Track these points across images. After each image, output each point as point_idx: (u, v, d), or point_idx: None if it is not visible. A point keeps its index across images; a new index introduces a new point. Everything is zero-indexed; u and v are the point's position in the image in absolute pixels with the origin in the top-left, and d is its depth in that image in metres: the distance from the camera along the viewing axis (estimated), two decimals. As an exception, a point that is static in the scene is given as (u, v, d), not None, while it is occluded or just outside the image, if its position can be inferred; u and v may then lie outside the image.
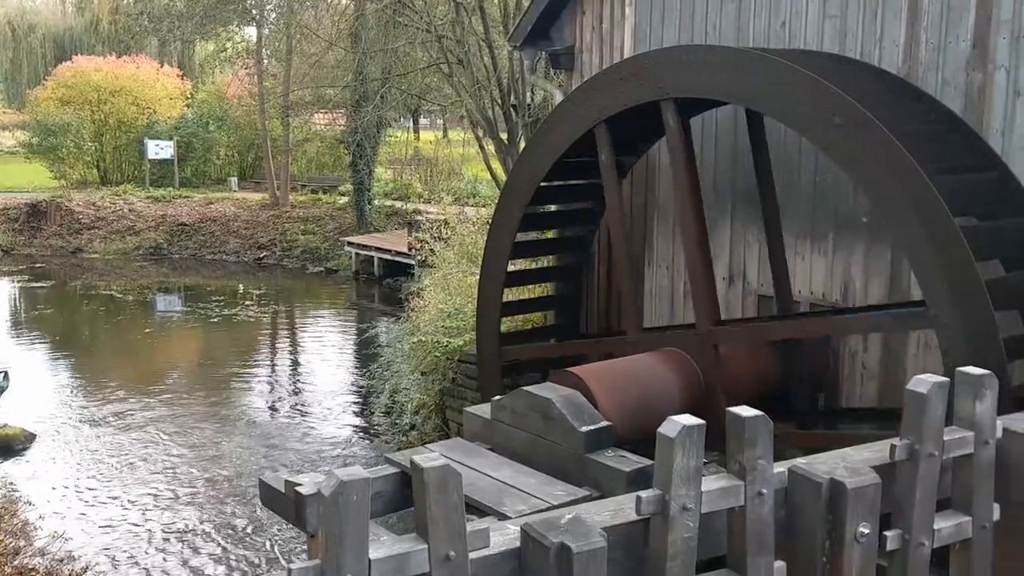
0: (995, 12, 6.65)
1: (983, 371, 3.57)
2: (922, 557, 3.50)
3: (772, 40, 7.96)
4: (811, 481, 3.29)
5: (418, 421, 11.98)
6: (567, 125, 7.88)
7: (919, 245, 5.73)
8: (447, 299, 12.17)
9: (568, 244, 9.63)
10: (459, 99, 18.67)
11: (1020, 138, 6.61)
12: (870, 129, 5.85)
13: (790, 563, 3.31)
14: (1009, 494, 3.74)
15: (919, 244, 5.73)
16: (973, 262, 5.50)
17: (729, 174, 8.43)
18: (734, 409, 3.17)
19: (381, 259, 24.92)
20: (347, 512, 2.49)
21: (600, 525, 2.99)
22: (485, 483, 5.71)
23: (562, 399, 6.20)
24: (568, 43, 9.80)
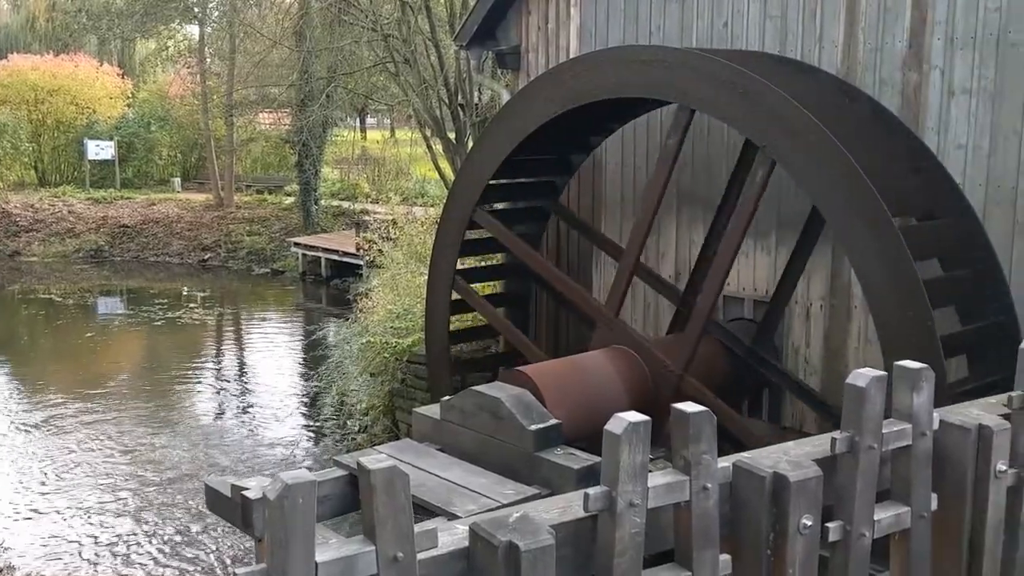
0: (930, 14, 6.82)
1: (920, 365, 3.65)
2: (863, 547, 3.57)
3: (715, 40, 8.07)
4: (755, 475, 3.34)
5: (367, 423, 11.91)
6: (513, 126, 7.90)
7: (860, 244, 5.85)
8: (396, 300, 12.12)
9: (515, 265, 9.63)
10: (406, 98, 18.59)
11: (955, 137, 6.78)
12: (810, 130, 5.96)
13: (735, 556, 3.36)
14: (945, 484, 3.83)
15: (860, 243, 5.85)
16: (911, 261, 5.63)
17: (675, 175, 8.50)
18: (679, 405, 3.20)
19: (328, 260, 24.71)
20: (293, 515, 2.47)
21: (548, 523, 2.99)
22: (434, 484, 5.71)
23: (511, 398, 6.22)
24: (514, 43, 9.82)
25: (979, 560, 3.89)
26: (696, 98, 6.62)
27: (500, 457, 6.10)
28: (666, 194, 8.60)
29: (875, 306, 5.84)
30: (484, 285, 9.89)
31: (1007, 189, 6.55)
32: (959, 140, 6.75)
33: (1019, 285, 6.48)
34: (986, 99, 6.60)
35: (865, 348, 7.37)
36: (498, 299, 9.69)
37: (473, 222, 8.53)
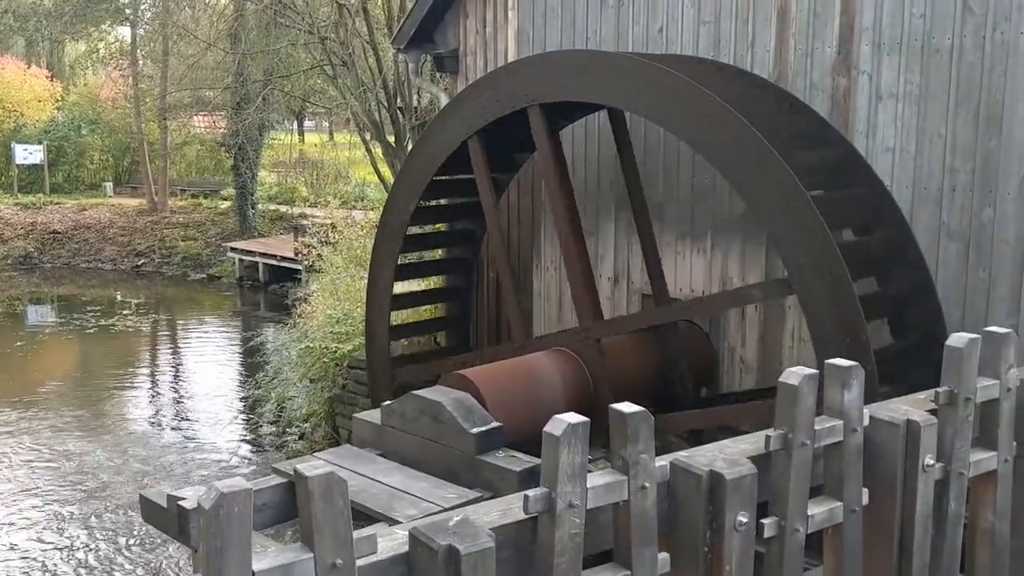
0: (858, 20, 6.99)
1: (850, 363, 3.74)
2: (797, 542, 3.65)
3: (651, 45, 8.17)
4: (692, 473, 3.39)
5: (307, 429, 11.78)
6: (449, 129, 7.91)
7: (791, 248, 5.96)
8: (335, 304, 12.02)
9: (458, 246, 9.65)
10: (344, 101, 18.46)
11: (882, 140, 6.96)
12: (743, 133, 6.07)
13: (673, 554, 3.40)
14: (876, 479, 3.93)
15: (791, 247, 5.97)
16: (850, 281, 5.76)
17: (611, 176, 8.60)
18: (617, 406, 3.23)
19: (266, 265, 24.38)
20: (229, 524, 2.44)
21: (488, 526, 3.00)
22: (376, 489, 5.68)
23: (452, 402, 6.22)
24: (452, 46, 9.82)
25: (909, 552, 4.00)
26: (630, 101, 6.71)
27: (442, 461, 6.10)
28: (604, 197, 8.71)
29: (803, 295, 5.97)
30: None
31: (933, 191, 6.75)
32: (887, 143, 6.94)
33: (946, 283, 6.68)
34: (912, 103, 6.79)
35: (799, 347, 7.52)
36: (438, 294, 9.71)
37: (412, 225, 8.53)
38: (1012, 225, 6.42)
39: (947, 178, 6.68)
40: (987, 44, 6.40)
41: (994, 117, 6.42)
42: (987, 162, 6.49)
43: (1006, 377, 4.27)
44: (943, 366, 4.14)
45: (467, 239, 9.47)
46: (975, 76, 6.48)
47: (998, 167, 6.44)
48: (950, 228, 6.70)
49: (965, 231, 6.63)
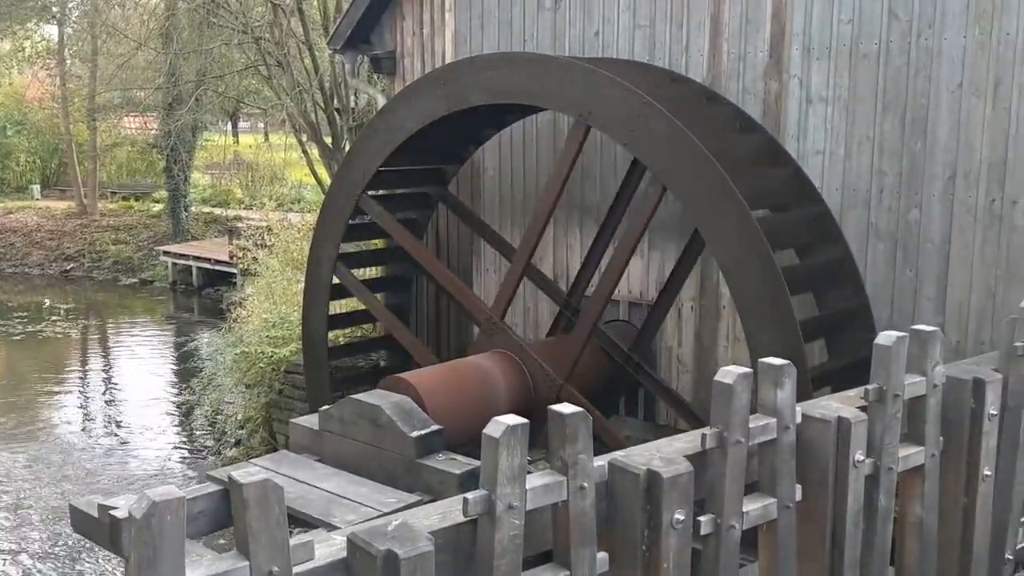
0: (788, 25, 7.14)
1: (783, 361, 3.81)
2: (733, 539, 3.70)
3: (587, 48, 8.23)
4: (629, 473, 3.42)
5: (244, 435, 11.60)
6: (387, 132, 7.87)
7: (727, 248, 6.05)
8: (272, 308, 11.85)
9: (396, 250, 9.58)
10: (280, 102, 18.23)
11: (813, 143, 7.12)
12: (679, 137, 6.15)
13: (612, 553, 3.43)
14: (808, 475, 4.01)
15: (727, 247, 6.06)
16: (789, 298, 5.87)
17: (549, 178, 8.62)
18: (555, 407, 3.25)
19: (200, 268, 23.95)
20: (161, 534, 2.40)
21: (428, 529, 2.99)
22: (314, 495, 5.62)
23: (392, 405, 6.18)
24: (389, 48, 9.77)
25: (841, 546, 4.09)
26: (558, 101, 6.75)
27: (381, 465, 6.06)
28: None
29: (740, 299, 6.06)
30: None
31: (862, 192, 6.92)
32: (817, 146, 7.09)
33: (874, 283, 6.85)
34: (841, 107, 6.95)
35: (734, 346, 7.64)
36: (379, 284, 9.65)
37: (351, 229, 8.46)
38: (937, 226, 6.61)
39: (875, 180, 6.85)
40: (912, 49, 6.59)
41: (919, 120, 6.61)
42: (913, 164, 6.67)
43: (932, 374, 4.39)
44: (872, 364, 4.25)
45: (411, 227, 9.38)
46: (901, 80, 6.66)
47: (924, 169, 6.63)
48: (878, 229, 6.87)
49: (893, 232, 6.81)
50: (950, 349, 6.47)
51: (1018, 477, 4.91)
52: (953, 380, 4.57)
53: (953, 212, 6.54)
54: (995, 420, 4.67)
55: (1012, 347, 4.84)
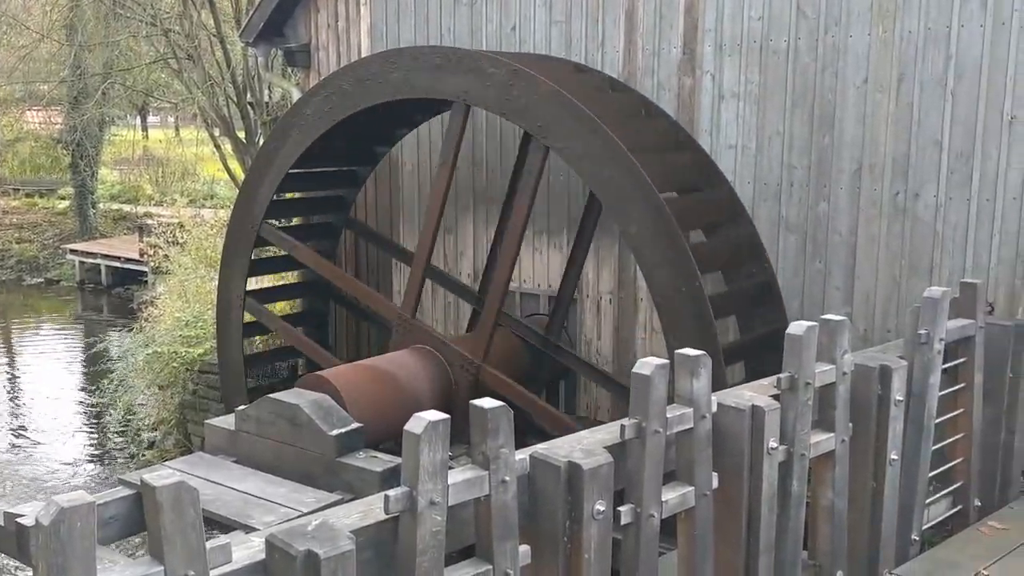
0: (700, 22, 7.26)
1: (699, 352, 3.88)
2: (652, 528, 3.76)
3: (504, 43, 8.24)
4: (551, 465, 3.44)
5: (157, 438, 11.31)
6: (303, 126, 7.75)
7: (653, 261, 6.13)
8: (184, 307, 11.57)
9: (317, 231, 9.45)
10: (191, 96, 17.78)
11: (726, 138, 7.26)
12: (596, 131, 6.21)
13: (534, 545, 3.45)
14: (724, 463, 4.09)
15: (637, 230, 6.14)
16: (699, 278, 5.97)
17: (469, 175, 8.63)
18: (476, 401, 3.25)
19: (109, 267, 23.22)
20: (70, 541, 2.32)
21: (349, 528, 2.96)
22: (230, 497, 5.51)
23: (310, 404, 6.10)
24: (303, 40, 9.63)
25: (756, 531, 4.19)
26: (474, 96, 6.76)
27: (300, 465, 5.98)
28: (462, 194, 8.73)
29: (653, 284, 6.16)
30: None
31: (772, 186, 7.09)
32: (730, 141, 7.24)
33: (786, 274, 7.03)
34: (752, 102, 7.11)
35: (652, 338, 7.76)
36: (295, 318, 9.49)
37: (266, 222, 8.32)
38: (845, 218, 6.82)
39: (785, 174, 7.03)
40: (820, 46, 6.77)
41: (827, 116, 6.80)
42: (821, 158, 6.87)
43: (841, 362, 4.54)
44: (784, 353, 4.36)
45: (325, 232, 9.30)
46: (809, 76, 6.84)
47: (831, 163, 6.83)
48: (788, 221, 7.05)
49: (802, 224, 7.00)
50: (858, 338, 6.69)
51: (923, 461, 5.11)
52: (861, 368, 4.73)
53: (859, 205, 6.75)
54: (901, 406, 4.85)
55: (916, 335, 5.03)
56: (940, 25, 6.29)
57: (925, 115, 6.42)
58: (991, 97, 6.16)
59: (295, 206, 9.34)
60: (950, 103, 6.32)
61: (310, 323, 9.42)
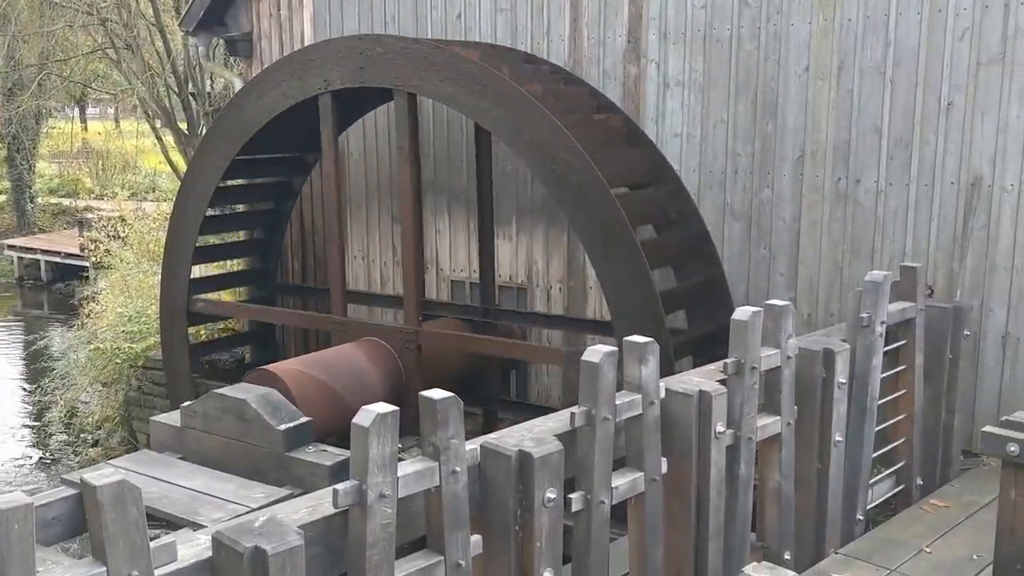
0: (645, 10, 7.29)
1: (646, 339, 3.91)
2: (603, 514, 3.79)
3: (449, 31, 8.19)
4: (501, 454, 3.45)
5: (102, 436, 11.07)
6: (245, 115, 7.64)
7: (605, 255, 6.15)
8: (127, 302, 11.32)
9: (258, 243, 9.34)
10: (131, 87, 17.44)
11: (671, 126, 7.31)
12: (541, 119, 6.20)
13: (486, 535, 3.45)
14: (673, 448, 4.13)
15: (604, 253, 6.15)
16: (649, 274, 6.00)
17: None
18: (426, 393, 3.24)
19: (49, 262, 22.69)
20: (8, 542, 2.26)
21: (297, 523, 2.93)
22: (177, 494, 5.43)
23: (258, 398, 6.03)
24: (245, 29, 9.48)
25: (705, 515, 4.24)
26: (418, 85, 6.72)
27: (248, 460, 5.90)
28: (377, 186, 8.69)
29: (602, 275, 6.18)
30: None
31: (717, 173, 7.15)
32: (675, 129, 7.28)
33: (731, 260, 7.10)
34: (696, 90, 7.16)
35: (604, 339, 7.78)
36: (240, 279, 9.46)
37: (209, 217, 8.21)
38: (788, 204, 6.91)
39: (730, 161, 7.10)
40: (762, 34, 6.84)
41: (770, 103, 6.88)
42: (764, 145, 6.94)
43: (786, 346, 4.60)
44: (730, 338, 4.41)
45: (272, 221, 9.20)
46: (752, 64, 6.91)
47: (774, 150, 6.91)
48: (733, 208, 7.12)
49: (747, 211, 7.08)
50: (802, 322, 6.80)
51: (866, 441, 5.21)
52: (805, 351, 4.81)
53: (802, 191, 6.84)
54: (844, 388, 4.94)
55: (858, 318, 5.12)
56: (879, 13, 6.39)
57: (865, 102, 6.52)
58: (928, 83, 6.28)
59: (240, 193, 9.20)
60: (889, 90, 6.43)
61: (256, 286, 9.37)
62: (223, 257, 9.80)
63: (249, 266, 9.49)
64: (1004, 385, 6.25)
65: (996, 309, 6.22)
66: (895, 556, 4.80)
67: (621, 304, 6.07)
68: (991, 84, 6.08)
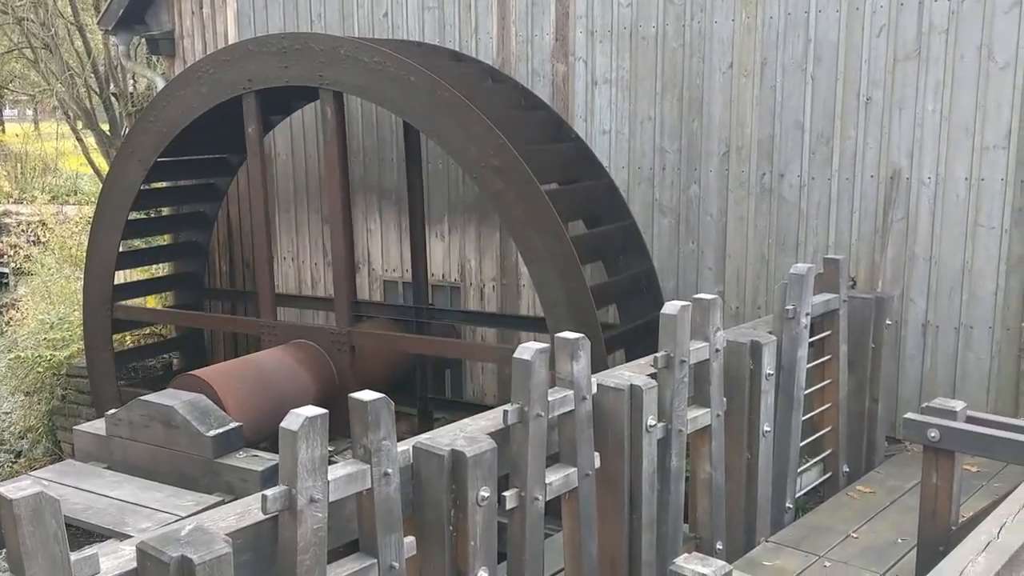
0: (572, 8, 7.32)
1: (577, 335, 3.93)
2: (537, 511, 3.80)
3: (376, 30, 8.12)
4: (434, 454, 3.43)
5: (25, 447, 10.73)
6: (167, 116, 7.47)
7: (535, 248, 6.16)
8: (49, 309, 11.00)
9: (188, 221, 9.13)
10: (49, 88, 16.91)
11: (600, 123, 7.36)
12: (468, 115, 6.18)
13: (419, 536, 3.44)
14: (606, 443, 4.17)
15: (535, 246, 6.16)
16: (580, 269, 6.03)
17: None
18: (356, 394, 3.20)
19: (-34, 270, 21.92)
20: (-83, 563, 2.17)
21: (225, 531, 2.88)
22: (104, 505, 5.28)
23: (185, 405, 5.90)
24: (166, 28, 9.28)
25: (638, 508, 4.29)
26: (344, 83, 6.66)
27: (177, 468, 5.78)
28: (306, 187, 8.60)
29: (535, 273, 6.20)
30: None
31: (646, 170, 7.23)
32: (603, 126, 7.34)
33: (661, 255, 7.19)
34: (624, 88, 7.22)
35: (538, 336, 7.80)
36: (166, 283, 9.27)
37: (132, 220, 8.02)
38: (715, 200, 7.01)
39: (657, 158, 7.18)
40: (687, 32, 6.92)
41: (695, 100, 6.97)
42: (691, 142, 7.03)
43: (714, 339, 4.67)
44: (660, 333, 4.46)
45: (198, 223, 9.03)
46: (678, 62, 6.99)
47: (701, 146, 7.00)
48: (662, 204, 7.21)
49: (675, 207, 7.16)
50: (730, 315, 6.91)
51: (794, 431, 5.32)
52: (733, 344, 4.89)
53: (728, 186, 6.95)
54: (772, 379, 5.04)
55: (784, 310, 5.22)
56: (799, 10, 6.52)
57: (787, 98, 6.65)
58: (848, 79, 6.44)
59: (164, 196, 9.01)
60: (810, 86, 6.57)
61: (182, 291, 9.19)
62: (148, 262, 9.58)
63: (175, 270, 9.31)
64: (925, 372, 6.44)
65: (916, 299, 6.41)
66: (823, 542, 4.91)
67: (553, 299, 6.09)
68: (907, 80, 6.25)
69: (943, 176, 6.23)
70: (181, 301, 9.16)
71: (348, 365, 7.09)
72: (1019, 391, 6.15)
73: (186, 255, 9.16)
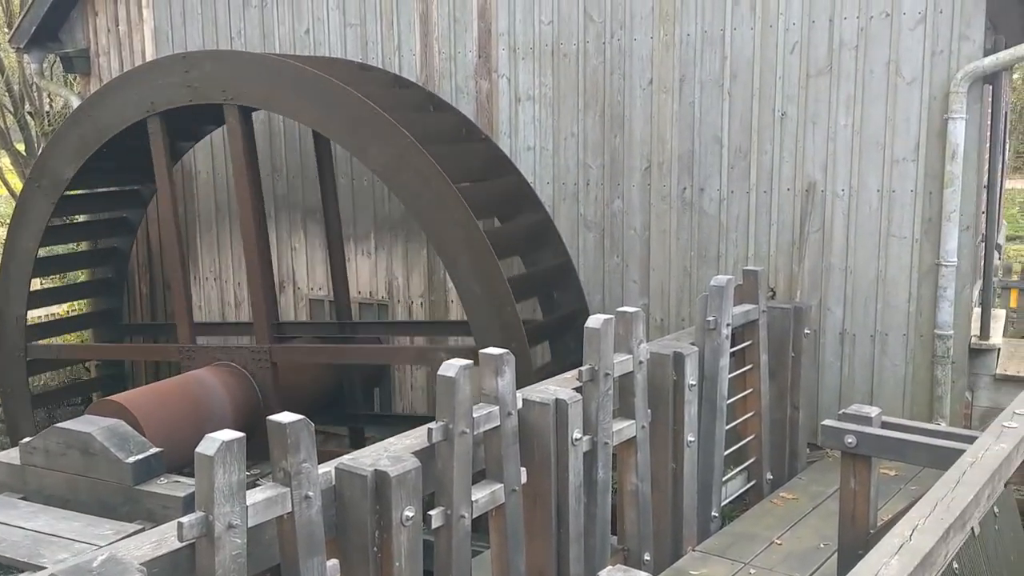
0: (494, 26, 7.37)
1: (501, 350, 3.94)
2: (463, 528, 3.78)
3: (298, 46, 8.06)
4: (357, 475, 3.39)
5: (-65, 479, 10.29)
6: (84, 133, 7.29)
7: (450, 247, 6.16)
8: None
9: (102, 256, 8.92)
10: (-41, 107, 16.35)
11: (524, 140, 7.41)
12: (374, 118, 6.16)
13: (343, 558, 3.39)
14: (532, 458, 4.17)
15: (450, 246, 6.16)
16: (497, 263, 6.05)
17: (268, 181, 8.37)
18: (274, 416, 3.16)
19: None
20: None
21: (140, 560, 2.81)
22: (17, 536, 5.09)
23: (103, 431, 5.72)
24: (81, 46, 9.08)
25: (566, 521, 4.30)
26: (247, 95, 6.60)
27: (96, 496, 5.60)
28: (264, 202, 8.46)
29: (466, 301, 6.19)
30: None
31: (570, 185, 7.29)
32: (528, 143, 7.39)
33: (587, 269, 7.25)
34: (547, 105, 7.28)
35: (464, 339, 7.79)
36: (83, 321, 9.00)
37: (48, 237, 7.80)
38: (638, 214, 7.11)
39: (581, 173, 7.25)
40: (607, 49, 7.02)
41: (617, 116, 7.06)
42: (614, 158, 7.12)
43: (638, 351, 4.73)
44: (584, 346, 4.49)
45: (111, 256, 8.83)
46: (599, 79, 7.08)
47: (623, 162, 7.10)
48: (587, 219, 7.28)
49: (600, 221, 7.24)
50: (655, 327, 7.00)
51: (718, 440, 5.40)
52: (656, 356, 4.95)
53: (651, 201, 7.05)
54: (695, 390, 5.11)
55: (705, 321, 5.31)
56: (715, 28, 6.66)
57: (706, 113, 6.79)
58: (763, 95, 6.59)
59: (76, 231, 8.81)
60: (728, 102, 6.71)
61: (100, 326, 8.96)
62: (63, 299, 9.32)
63: (93, 308, 9.06)
64: (844, 379, 6.61)
65: (833, 308, 6.57)
66: (749, 550, 4.99)
67: (472, 295, 6.08)
68: (820, 95, 6.43)
69: (856, 188, 6.42)
70: (100, 340, 8.92)
71: (271, 383, 6.98)
72: (933, 396, 6.34)
73: (102, 292, 8.92)
